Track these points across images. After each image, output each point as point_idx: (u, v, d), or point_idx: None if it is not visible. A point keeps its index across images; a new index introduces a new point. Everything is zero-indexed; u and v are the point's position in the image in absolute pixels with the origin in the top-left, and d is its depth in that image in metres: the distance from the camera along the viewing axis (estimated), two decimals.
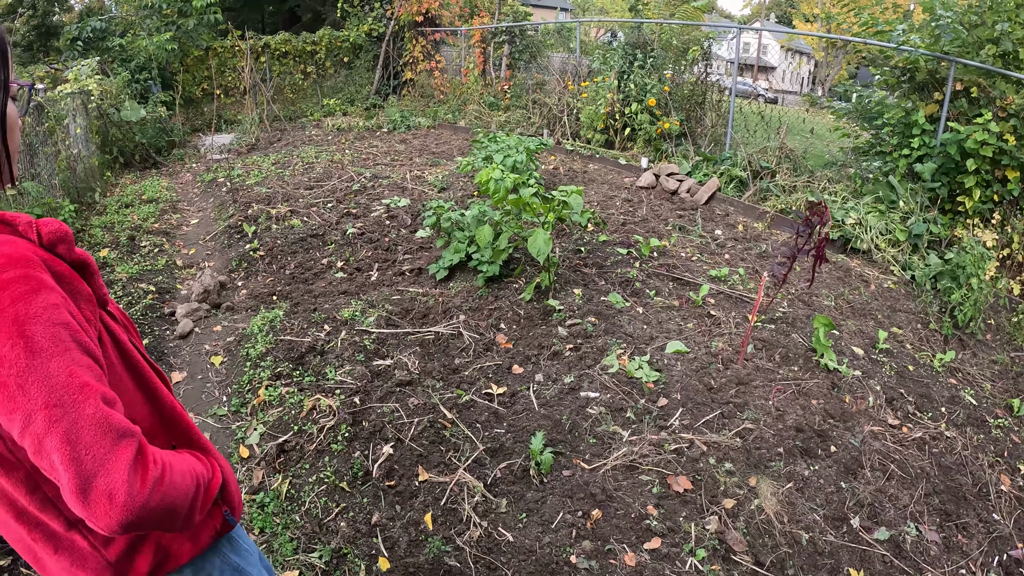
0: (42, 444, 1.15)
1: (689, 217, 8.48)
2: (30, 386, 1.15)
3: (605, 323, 5.46)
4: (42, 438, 1.15)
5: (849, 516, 3.74)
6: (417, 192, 8.78)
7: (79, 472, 1.15)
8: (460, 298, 5.89)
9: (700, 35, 12.61)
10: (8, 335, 1.15)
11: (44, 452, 1.16)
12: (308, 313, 5.59)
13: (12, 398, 1.15)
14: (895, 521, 3.76)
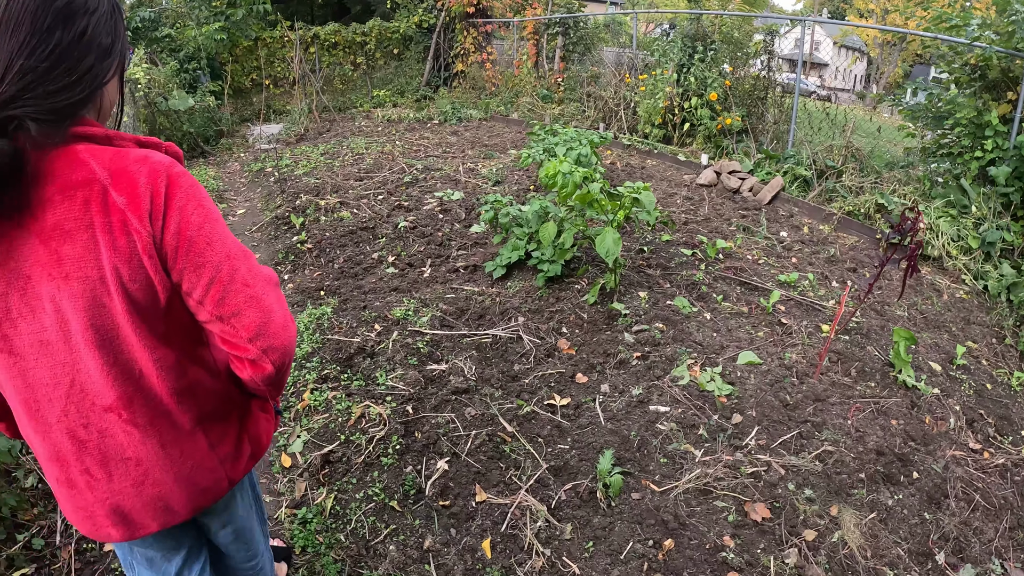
0: (228, 289, 1.47)
1: (753, 217, 8.01)
2: (216, 242, 1.47)
3: (673, 330, 5.07)
4: (228, 283, 1.47)
5: (934, 551, 3.36)
6: (471, 185, 8.41)
7: (261, 308, 1.49)
8: (519, 298, 5.51)
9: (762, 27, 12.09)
10: (194, 206, 1.46)
11: (229, 297, 1.46)
12: (358, 311, 5.25)
13: (202, 252, 1.45)
14: (980, 557, 3.37)
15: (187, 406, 1.62)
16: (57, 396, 1.52)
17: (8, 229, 1.38)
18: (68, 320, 1.44)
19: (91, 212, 1.38)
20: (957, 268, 6.90)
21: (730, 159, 10.09)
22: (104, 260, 1.40)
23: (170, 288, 1.49)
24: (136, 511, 1.67)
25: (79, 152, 1.40)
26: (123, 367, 1.51)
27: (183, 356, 1.59)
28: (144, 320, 1.49)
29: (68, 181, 1.38)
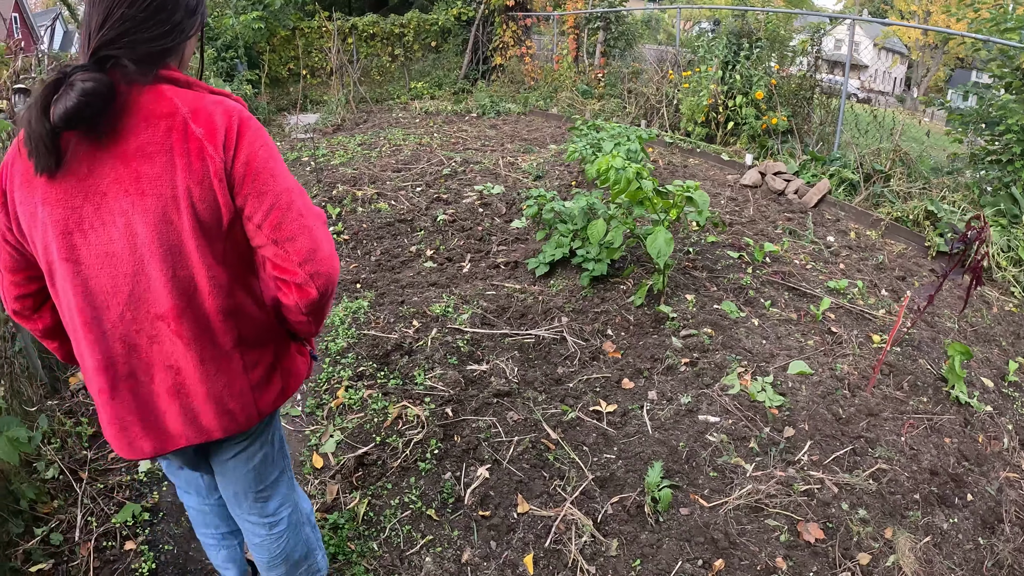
0: (285, 216, 1.64)
1: (799, 220, 7.73)
2: (278, 176, 1.66)
3: (722, 335, 4.84)
4: (285, 211, 1.64)
5: None
6: (511, 179, 8.21)
7: (312, 237, 1.66)
8: (562, 297, 5.29)
9: (808, 25, 11.78)
10: (260, 144, 1.65)
11: (285, 224, 1.64)
12: (395, 306, 5.06)
13: (266, 182, 1.63)
14: None
15: (229, 326, 1.78)
16: (115, 303, 1.68)
17: (93, 150, 1.58)
18: (136, 234, 1.61)
19: (172, 138, 1.59)
20: (1007, 280, 6.58)
21: (775, 160, 9.81)
22: (178, 180, 1.59)
23: (233, 212, 1.66)
24: (168, 419, 1.83)
25: (164, 91, 1.62)
26: (180, 281, 1.67)
27: (234, 279, 1.75)
28: (206, 239, 1.66)
29: (153, 112, 1.59)
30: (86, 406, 4.01)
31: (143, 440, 1.84)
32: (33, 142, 1.54)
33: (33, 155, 1.55)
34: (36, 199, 1.61)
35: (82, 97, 1.49)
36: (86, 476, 3.46)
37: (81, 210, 1.60)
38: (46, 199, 1.60)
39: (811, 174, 9.10)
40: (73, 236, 1.62)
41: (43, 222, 1.62)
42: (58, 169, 1.58)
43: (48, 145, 1.54)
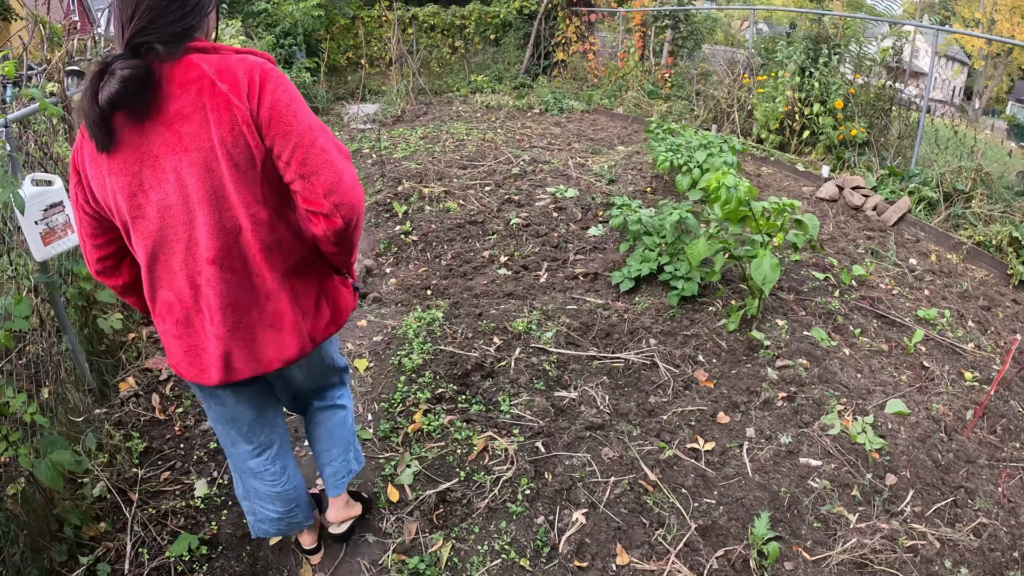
0: (309, 152, 1.83)
1: (879, 240, 7.25)
2: (300, 117, 1.85)
3: (818, 368, 4.43)
4: (309, 148, 1.83)
5: None
6: (584, 183, 7.80)
7: (335, 170, 1.85)
8: (648, 317, 4.89)
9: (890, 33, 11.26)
10: (282, 90, 1.84)
11: (309, 159, 1.83)
12: (472, 319, 4.69)
13: (289, 123, 1.82)
14: None
15: (274, 261, 1.99)
16: (179, 249, 1.92)
17: (143, 122, 1.80)
18: (187, 185, 1.84)
19: (202, 98, 1.79)
20: None
21: (852, 173, 9.33)
22: (213, 132, 1.80)
23: (264, 152, 1.85)
24: (234, 352, 2.05)
25: (192, 59, 1.81)
26: (225, 224, 1.88)
27: (275, 217, 1.95)
28: (244, 182, 1.86)
29: (184, 79, 1.79)
30: (137, 416, 3.71)
31: (212, 369, 2.07)
32: (90, 126, 1.80)
33: (93, 137, 1.82)
34: (103, 172, 1.88)
35: (121, 83, 1.72)
36: (136, 498, 3.14)
37: (140, 174, 1.85)
38: (111, 170, 1.86)
39: (889, 190, 8.63)
40: (137, 196, 1.87)
41: (112, 190, 1.89)
42: (114, 146, 1.83)
43: (102, 127, 1.79)
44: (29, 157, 3.75)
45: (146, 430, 3.63)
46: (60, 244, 3.29)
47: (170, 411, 3.79)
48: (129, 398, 3.83)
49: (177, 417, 3.73)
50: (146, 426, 3.67)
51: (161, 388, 3.96)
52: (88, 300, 3.89)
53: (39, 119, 4.01)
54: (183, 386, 4.00)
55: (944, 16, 10.75)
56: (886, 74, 10.78)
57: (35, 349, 3.37)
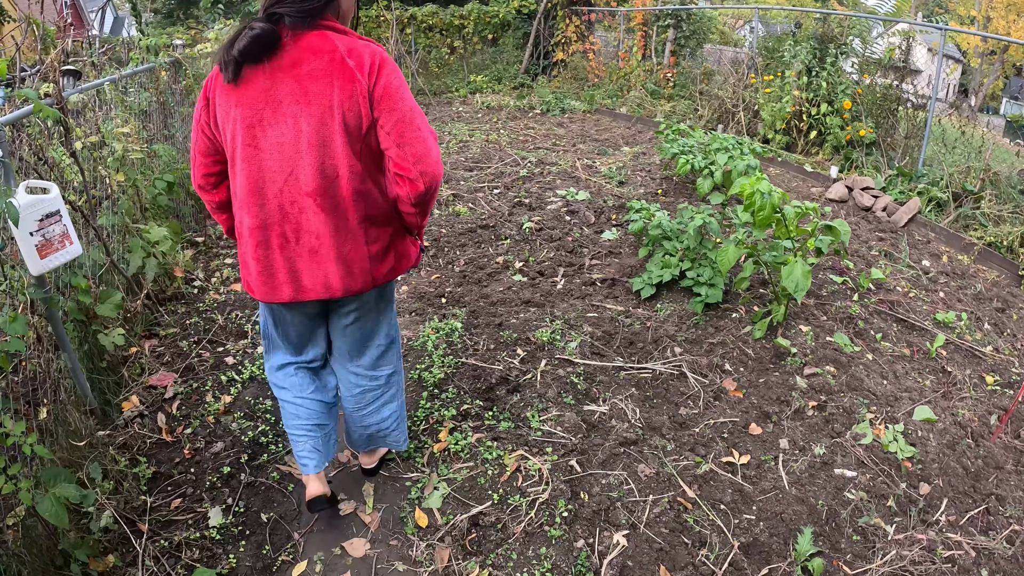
0: (407, 127, 2.22)
1: (891, 241, 7.11)
2: (405, 99, 2.26)
3: (845, 375, 4.31)
4: (408, 124, 2.22)
5: None
6: (594, 185, 7.62)
7: (425, 145, 2.25)
8: (671, 324, 4.72)
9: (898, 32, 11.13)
10: (395, 76, 2.26)
11: (406, 133, 2.22)
12: (493, 329, 4.50)
13: (396, 102, 2.22)
14: None
15: (359, 207, 2.34)
16: (279, 179, 2.27)
17: (275, 71, 2.20)
18: (301, 131, 2.22)
19: (332, 67, 2.20)
20: None
21: (861, 174, 9.19)
22: (335, 96, 2.20)
23: (371, 121, 2.24)
24: (305, 274, 2.38)
25: (327, 35, 2.23)
26: (326, 168, 2.25)
27: (366, 172, 2.31)
28: (348, 140, 2.24)
29: (320, 48, 2.21)
30: (143, 439, 3.51)
31: (284, 287, 2.40)
32: (224, 65, 2.20)
33: (224, 71, 2.21)
34: (231, 102, 2.24)
35: (251, 40, 2.14)
36: (146, 529, 2.94)
37: (263, 111, 2.22)
38: (239, 102, 2.23)
39: (898, 190, 8.52)
40: (255, 129, 2.24)
41: (234, 118, 2.25)
42: (242, 82, 2.22)
43: (234, 69, 2.19)
44: (23, 163, 3.52)
45: (153, 453, 3.43)
46: (58, 257, 3.05)
47: (178, 432, 3.59)
48: (134, 418, 3.63)
49: (186, 439, 3.53)
50: (153, 449, 3.47)
51: (167, 407, 3.77)
52: (87, 314, 3.69)
53: (33, 122, 3.80)
54: (190, 404, 3.81)
55: (940, 14, 10.57)
56: (892, 74, 10.66)
57: (32, 367, 3.17)
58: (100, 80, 4.76)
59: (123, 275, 4.34)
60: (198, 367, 4.09)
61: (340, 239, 2.35)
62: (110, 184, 4.54)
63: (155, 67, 6.14)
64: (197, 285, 5.10)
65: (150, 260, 4.49)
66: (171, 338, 4.40)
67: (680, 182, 7.84)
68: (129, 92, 5.62)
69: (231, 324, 4.60)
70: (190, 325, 4.57)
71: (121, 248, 4.48)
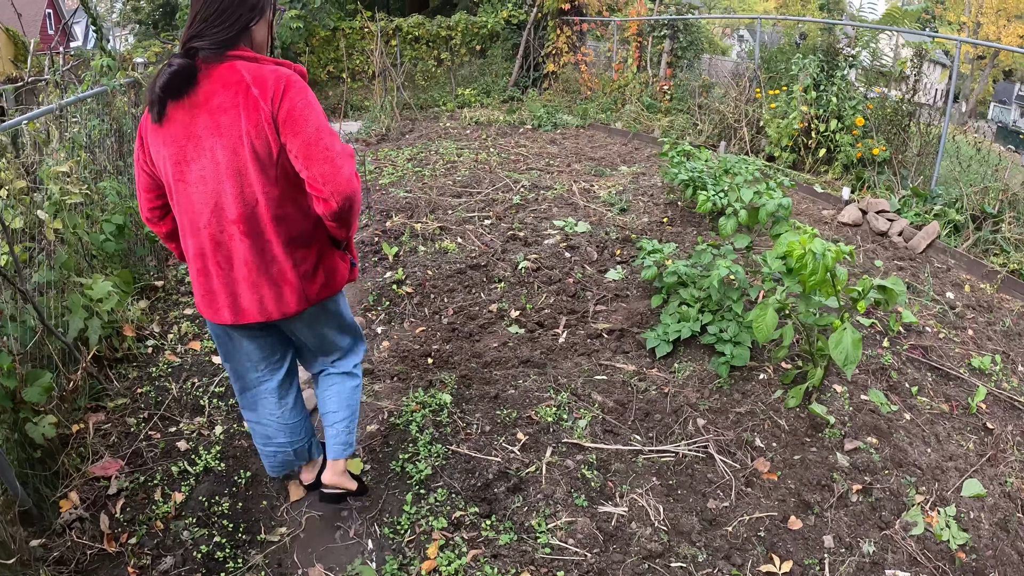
0: (313, 148, 2.27)
1: (911, 270, 6.57)
2: (311, 121, 2.29)
3: (888, 447, 3.79)
4: (313, 146, 2.27)
5: None
6: (593, 213, 7.00)
7: (334, 166, 2.28)
8: (692, 389, 4.12)
9: (908, 44, 10.64)
10: (300, 99, 2.30)
11: (313, 155, 2.27)
12: (487, 403, 3.86)
13: (301, 126, 2.27)
14: None
15: (280, 230, 2.44)
16: (206, 211, 2.39)
17: (192, 107, 2.31)
18: (219, 162, 2.33)
19: (239, 98, 2.28)
20: None
21: (874, 194, 8.66)
22: (243, 125, 2.29)
23: (280, 146, 2.33)
24: (243, 299, 2.51)
25: (236, 65, 2.32)
26: (245, 195, 2.36)
27: (283, 196, 2.41)
28: (261, 167, 2.34)
29: (227, 80, 2.30)
30: (83, 550, 2.86)
31: (225, 310, 2.54)
32: (149, 104, 2.34)
33: (151, 110, 2.35)
34: (160, 140, 2.38)
35: (170, 75, 2.27)
36: None
37: (186, 147, 2.35)
38: (166, 141, 2.37)
39: (914, 212, 8.00)
40: (181, 164, 2.37)
41: (163, 156, 2.39)
42: (166, 121, 2.34)
43: (158, 106, 2.32)
44: None
45: (94, 569, 2.79)
46: None
47: (122, 540, 2.95)
48: (72, 523, 2.98)
49: (131, 552, 2.87)
50: (94, 564, 2.81)
51: (111, 506, 3.11)
52: (14, 400, 3.06)
53: None
54: (136, 503, 3.17)
55: (926, 20, 10.09)
56: (904, 87, 10.15)
57: None
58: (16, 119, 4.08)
59: (61, 340, 3.68)
60: (147, 453, 3.43)
61: (266, 263, 2.47)
62: (45, 234, 3.88)
63: (108, 90, 5.49)
64: (152, 343, 4.43)
65: (93, 321, 3.83)
66: (119, 412, 3.75)
67: (686, 207, 7.26)
68: (78, 120, 5.00)
69: (186, 396, 3.92)
70: (141, 396, 3.90)
71: (59, 308, 3.82)
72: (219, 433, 3.61)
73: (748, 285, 4.41)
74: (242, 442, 3.55)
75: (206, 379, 4.09)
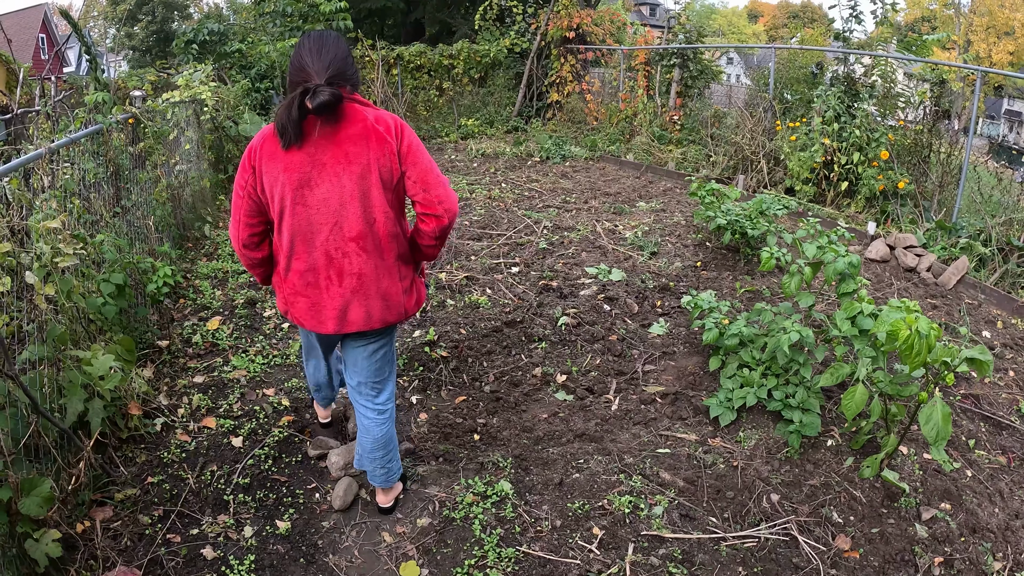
0: (428, 176, 2.77)
1: (945, 309, 6.37)
2: (424, 154, 2.80)
3: (962, 512, 3.59)
4: (428, 173, 2.77)
5: None
6: (623, 257, 6.69)
7: (445, 189, 2.79)
8: (760, 460, 3.81)
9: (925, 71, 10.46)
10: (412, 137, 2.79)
11: (429, 180, 2.77)
12: (552, 491, 3.48)
13: (417, 158, 2.76)
14: None
15: (392, 246, 2.86)
16: (325, 230, 2.75)
17: (319, 139, 2.67)
18: (344, 186, 2.69)
19: (367, 132, 2.69)
20: None
21: (900, 228, 8.42)
22: (371, 155, 2.69)
23: (400, 175, 2.76)
24: (350, 310, 2.86)
25: (355, 106, 2.73)
26: (367, 215, 2.75)
27: (397, 216, 2.85)
28: (383, 190, 2.75)
29: (354, 117, 2.70)
30: None
31: (330, 321, 2.88)
32: (285, 127, 2.61)
33: (283, 136, 2.64)
34: (279, 167, 2.68)
35: (330, 95, 2.55)
36: None
37: (310, 173, 2.68)
38: (286, 167, 2.68)
39: (940, 246, 7.79)
40: (303, 189, 2.69)
41: (282, 182, 2.69)
42: (296, 148, 2.67)
43: (296, 129, 2.62)
44: None
45: None
46: None
47: None
48: None
49: None
50: None
51: None
52: (8, 512, 2.69)
53: None
54: None
55: (902, 39, 9.95)
56: (922, 117, 9.94)
57: None
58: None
59: (58, 428, 3.27)
60: (167, 562, 3.00)
61: (379, 276, 2.85)
62: (35, 302, 3.45)
63: (104, 128, 5.12)
64: (161, 420, 4.01)
65: (94, 403, 3.39)
66: (129, 507, 3.34)
67: (716, 248, 6.97)
68: (70, 163, 4.62)
69: (206, 488, 3.50)
70: (153, 487, 3.48)
71: (54, 388, 3.40)
72: (249, 536, 3.20)
73: (813, 345, 4.10)
74: (278, 547, 3.15)
75: (227, 467, 3.67)
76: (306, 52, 2.69)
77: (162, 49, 17.23)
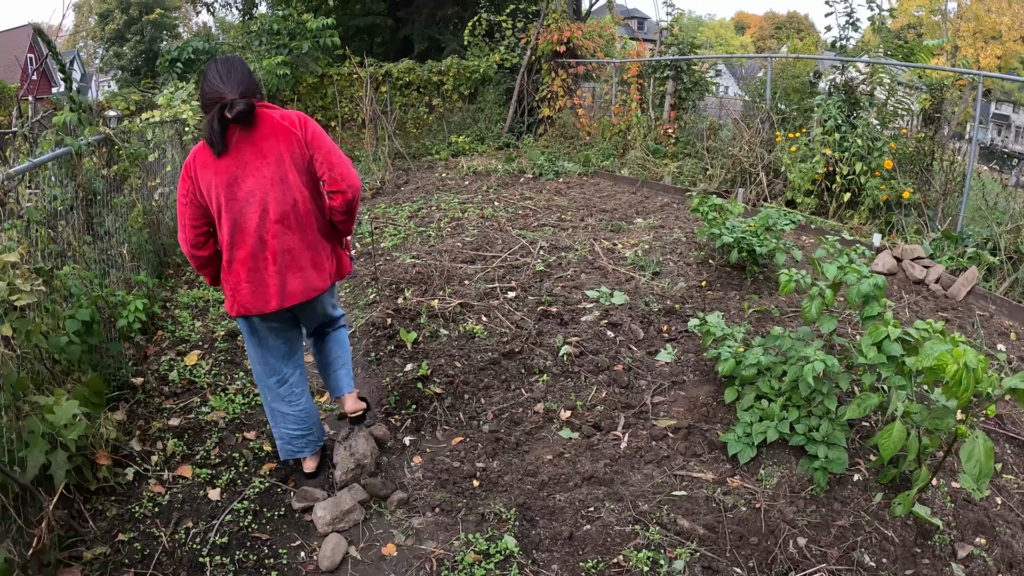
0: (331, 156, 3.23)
1: (957, 322, 6.15)
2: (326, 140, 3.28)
3: (997, 547, 3.38)
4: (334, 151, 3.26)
5: None
6: (624, 278, 6.39)
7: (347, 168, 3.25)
8: (784, 500, 3.51)
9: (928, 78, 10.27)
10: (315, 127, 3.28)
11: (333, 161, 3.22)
12: (561, 547, 3.17)
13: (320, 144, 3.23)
14: None
15: (312, 222, 3.31)
16: (255, 217, 3.17)
17: (240, 142, 3.14)
18: (265, 176, 3.14)
19: (275, 130, 3.18)
20: None
21: (905, 239, 8.19)
22: (281, 146, 3.17)
23: (308, 159, 3.23)
24: (289, 285, 3.27)
25: (265, 111, 3.21)
26: (287, 197, 3.20)
27: (313, 195, 3.30)
28: (298, 172, 3.21)
29: (264, 120, 3.18)
30: None
31: (273, 298, 3.25)
32: (212, 137, 3.09)
33: (213, 146, 3.11)
34: (211, 172, 3.14)
35: (245, 106, 3.06)
36: None
37: (235, 172, 3.14)
38: (217, 171, 3.13)
39: (948, 256, 7.61)
40: (232, 186, 3.14)
41: (215, 184, 3.14)
42: (223, 154, 3.13)
43: (221, 139, 3.10)
44: None
45: None
46: None
47: None
48: None
49: None
50: None
51: None
52: None
53: None
54: None
55: (899, 46, 9.79)
56: (923, 125, 9.73)
57: None
58: None
59: (17, 482, 2.95)
60: None
61: (305, 248, 3.30)
62: None
63: (72, 151, 4.80)
64: (132, 470, 3.66)
65: (57, 454, 3.09)
66: (98, 567, 3.03)
67: (720, 266, 6.68)
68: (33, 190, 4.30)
69: (180, 548, 3.17)
70: (123, 545, 3.16)
71: (15, 439, 3.08)
72: None
73: (839, 375, 3.81)
74: None
75: (203, 523, 3.34)
76: (216, 76, 3.18)
77: (151, 69, 16.95)
